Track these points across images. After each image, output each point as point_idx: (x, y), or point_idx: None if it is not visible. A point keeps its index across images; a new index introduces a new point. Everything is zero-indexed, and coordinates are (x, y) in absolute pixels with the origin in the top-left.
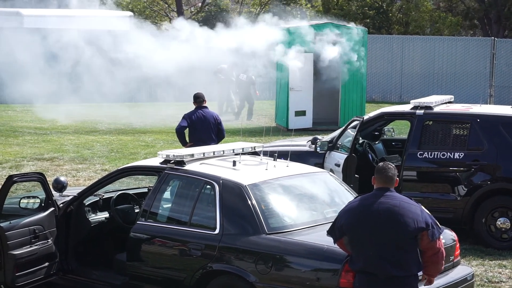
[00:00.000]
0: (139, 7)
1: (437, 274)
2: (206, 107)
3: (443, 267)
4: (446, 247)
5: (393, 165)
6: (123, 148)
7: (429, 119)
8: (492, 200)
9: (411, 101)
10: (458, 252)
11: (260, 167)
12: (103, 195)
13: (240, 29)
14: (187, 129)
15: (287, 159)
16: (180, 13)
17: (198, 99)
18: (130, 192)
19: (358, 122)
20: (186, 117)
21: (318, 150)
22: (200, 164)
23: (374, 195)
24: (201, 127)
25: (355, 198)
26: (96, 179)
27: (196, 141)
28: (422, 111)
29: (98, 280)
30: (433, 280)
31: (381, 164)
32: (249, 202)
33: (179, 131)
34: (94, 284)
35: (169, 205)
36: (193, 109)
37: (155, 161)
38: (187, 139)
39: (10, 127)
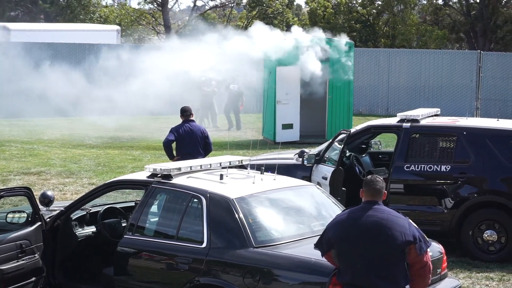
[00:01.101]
0: (126, 21)
1: None
2: (193, 120)
3: (430, 281)
4: (433, 260)
5: (382, 178)
6: (110, 162)
7: (416, 132)
8: (479, 212)
9: (397, 114)
10: (445, 264)
11: (247, 180)
12: (90, 209)
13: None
14: (174, 143)
15: (274, 172)
16: (167, 27)
17: (186, 113)
18: (117, 206)
19: (345, 135)
20: (173, 130)
21: (305, 163)
22: (187, 177)
23: (362, 208)
24: (188, 141)
25: (343, 211)
26: (83, 193)
27: (183, 155)
28: (408, 124)
29: None
30: None
31: (369, 177)
32: (236, 215)
33: (166, 144)
34: None
35: (156, 219)
36: (180, 122)
37: (142, 175)
38: (174, 153)
39: None
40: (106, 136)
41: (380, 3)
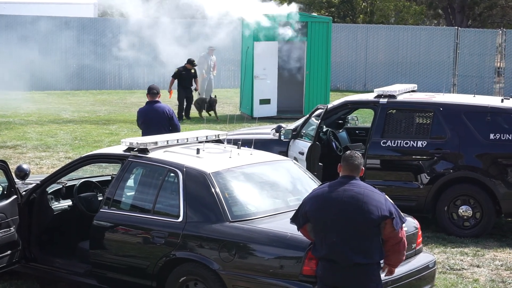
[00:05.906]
0: None
1: (398, 264)
2: (158, 101)
3: (404, 257)
4: (409, 235)
5: (360, 155)
6: (87, 136)
7: (393, 107)
8: (454, 188)
9: (374, 89)
10: (420, 239)
11: (224, 155)
12: (66, 183)
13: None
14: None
15: (251, 147)
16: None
17: (152, 91)
18: (94, 180)
19: (322, 110)
20: (139, 114)
21: (282, 138)
22: (164, 152)
23: (339, 183)
24: (151, 124)
25: (320, 185)
26: (60, 167)
27: None
28: (385, 100)
29: (61, 268)
30: (394, 270)
31: (348, 152)
32: (213, 190)
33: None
34: (57, 272)
35: (133, 193)
36: (145, 104)
37: (118, 149)
38: (141, 135)
39: None
40: (83, 110)
41: None
